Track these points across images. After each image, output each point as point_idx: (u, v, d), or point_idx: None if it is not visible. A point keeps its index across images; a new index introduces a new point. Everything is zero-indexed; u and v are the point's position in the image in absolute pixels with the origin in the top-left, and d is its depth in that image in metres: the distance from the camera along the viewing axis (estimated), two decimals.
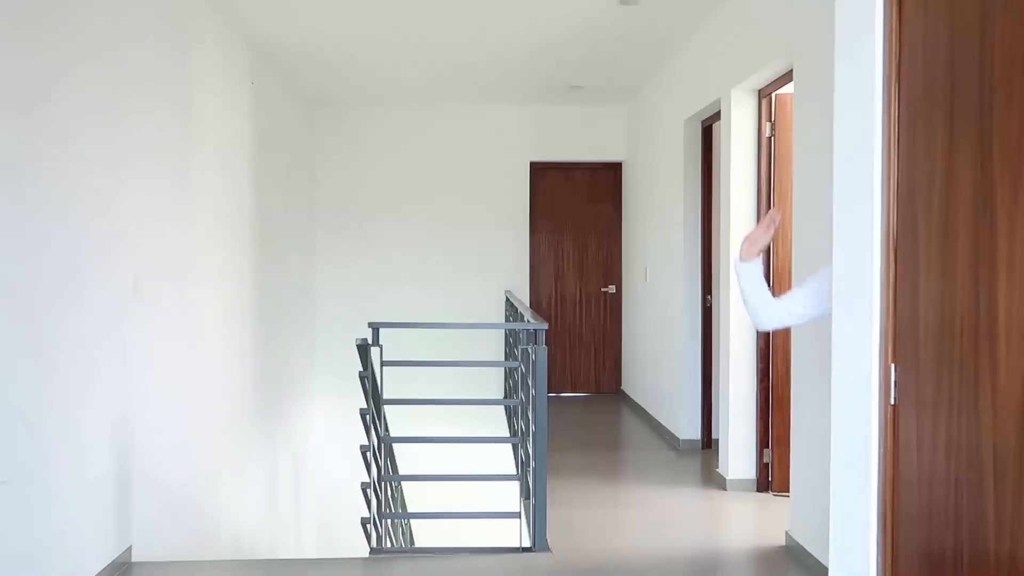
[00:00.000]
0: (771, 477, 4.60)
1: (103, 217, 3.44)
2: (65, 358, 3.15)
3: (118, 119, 3.58)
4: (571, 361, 8.09)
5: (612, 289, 8.08)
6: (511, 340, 6.26)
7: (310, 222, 7.75)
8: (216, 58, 4.98)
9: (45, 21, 3.02)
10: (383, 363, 4.06)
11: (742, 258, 2.53)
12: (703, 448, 5.70)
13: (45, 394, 3.01)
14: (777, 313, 2.55)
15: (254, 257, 5.79)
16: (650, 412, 6.70)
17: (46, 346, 3.02)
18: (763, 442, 4.64)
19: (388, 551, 4.38)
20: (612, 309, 8.08)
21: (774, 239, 4.54)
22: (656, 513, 4.40)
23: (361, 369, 4.07)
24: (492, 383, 7.53)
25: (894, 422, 1.90)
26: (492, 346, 7.71)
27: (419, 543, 6.38)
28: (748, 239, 2.56)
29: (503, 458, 6.30)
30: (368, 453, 4.10)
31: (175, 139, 4.27)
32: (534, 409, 3.89)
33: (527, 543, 3.90)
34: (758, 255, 2.54)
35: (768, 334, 4.57)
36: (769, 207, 4.59)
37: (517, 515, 4.16)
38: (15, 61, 2.84)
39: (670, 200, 6.14)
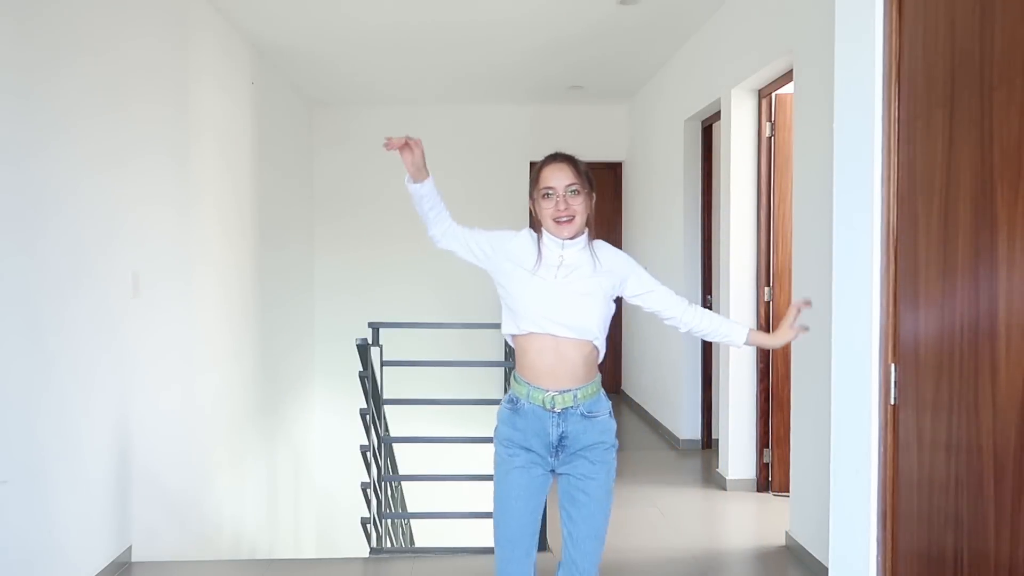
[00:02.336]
0: (771, 477, 4.60)
1: (102, 212, 3.44)
2: (64, 356, 3.15)
3: (117, 111, 3.58)
4: None
5: None
6: None
7: (309, 221, 7.75)
8: (216, 55, 4.98)
9: (42, 8, 3.01)
10: (383, 363, 4.06)
11: (413, 181, 2.40)
12: (703, 448, 5.70)
13: (44, 393, 3.01)
14: (452, 233, 2.44)
15: (254, 255, 5.79)
16: (650, 412, 6.71)
17: (44, 343, 3.02)
18: (763, 442, 4.64)
19: (388, 551, 4.38)
20: None
21: (773, 239, 4.55)
22: (656, 513, 4.40)
23: (361, 369, 4.07)
24: (492, 383, 7.52)
25: (894, 422, 1.90)
26: (492, 346, 7.71)
27: (419, 543, 6.38)
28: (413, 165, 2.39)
29: None
30: (368, 453, 4.10)
31: (175, 134, 4.26)
32: None
33: None
34: (424, 175, 2.40)
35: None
36: (769, 207, 4.59)
37: None
38: (10, 49, 2.83)
39: (670, 200, 6.14)
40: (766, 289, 4.59)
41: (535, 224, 2.38)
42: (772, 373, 4.56)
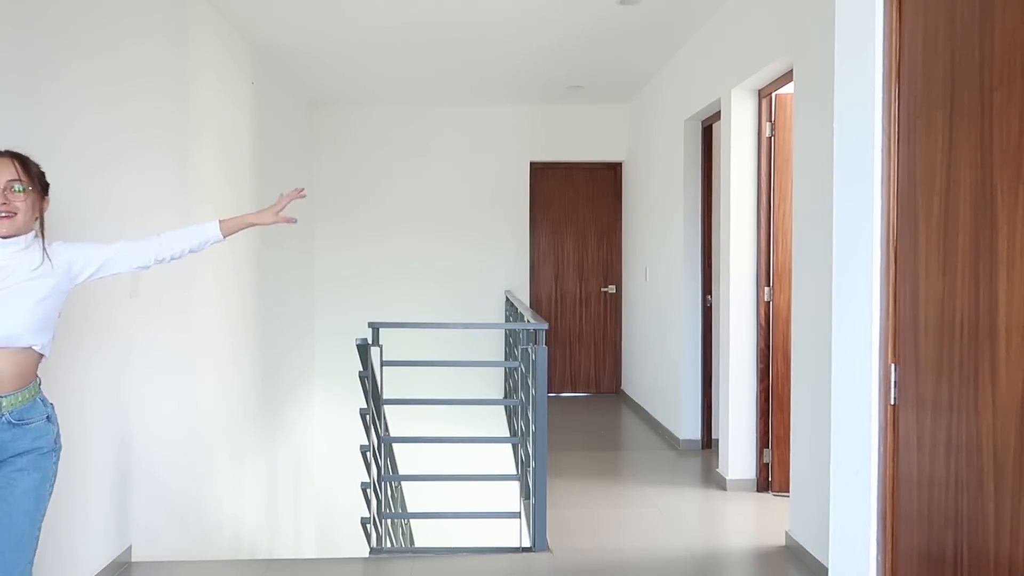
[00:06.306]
0: (771, 477, 4.60)
1: (101, 211, 3.43)
2: (63, 356, 3.14)
3: (116, 111, 3.57)
4: (571, 361, 8.09)
5: (612, 289, 8.08)
6: (511, 340, 6.27)
7: (309, 220, 7.75)
8: (216, 55, 4.98)
9: (41, 9, 3.01)
10: (383, 363, 4.06)
11: None
12: (703, 448, 5.70)
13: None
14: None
15: (253, 254, 5.79)
16: (650, 412, 6.70)
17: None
18: (763, 442, 4.64)
19: (388, 551, 4.38)
20: (612, 309, 8.08)
21: (773, 239, 4.55)
22: (656, 513, 4.40)
23: (361, 369, 4.07)
24: (492, 383, 7.53)
25: (894, 422, 1.90)
26: (492, 346, 7.71)
27: (419, 543, 6.38)
28: None
29: (503, 458, 6.30)
30: (368, 453, 4.10)
31: (174, 133, 4.26)
32: (534, 409, 3.89)
33: (527, 543, 3.90)
34: None
35: (768, 334, 4.57)
36: (769, 207, 4.59)
37: (517, 515, 4.16)
38: (9, 49, 2.83)
39: (670, 200, 6.14)
40: (766, 289, 4.59)
41: None
42: (772, 373, 4.56)
